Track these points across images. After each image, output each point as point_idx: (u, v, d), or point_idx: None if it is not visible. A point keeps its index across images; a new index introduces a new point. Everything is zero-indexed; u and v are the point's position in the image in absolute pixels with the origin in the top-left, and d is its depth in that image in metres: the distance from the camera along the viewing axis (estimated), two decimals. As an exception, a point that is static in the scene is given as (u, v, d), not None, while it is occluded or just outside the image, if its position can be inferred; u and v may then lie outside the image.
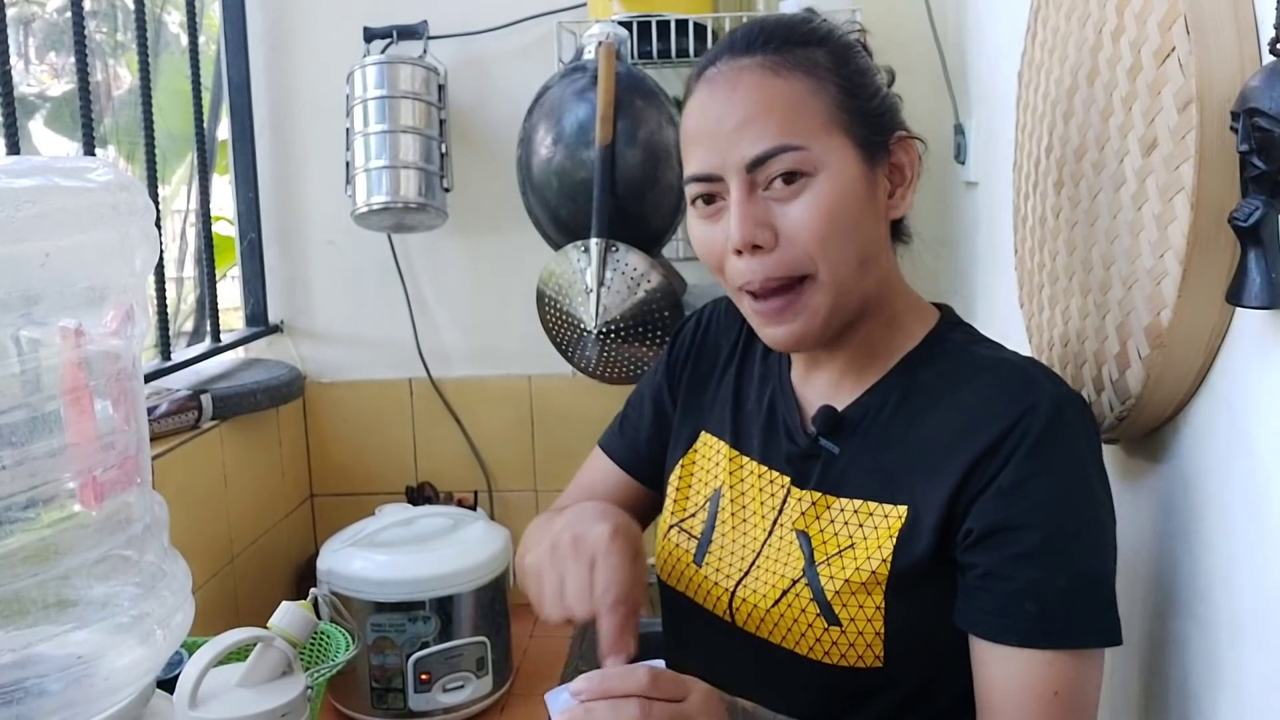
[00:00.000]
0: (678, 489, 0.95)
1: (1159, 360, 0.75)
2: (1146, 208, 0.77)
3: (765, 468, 0.89)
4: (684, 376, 0.99)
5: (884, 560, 0.78)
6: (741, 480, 0.90)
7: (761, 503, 0.88)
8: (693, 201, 0.83)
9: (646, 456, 1.02)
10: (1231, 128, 0.63)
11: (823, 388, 0.88)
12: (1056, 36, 0.98)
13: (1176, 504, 0.81)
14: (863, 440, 0.83)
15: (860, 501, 0.81)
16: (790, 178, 0.77)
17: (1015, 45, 1.13)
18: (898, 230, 0.87)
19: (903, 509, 0.79)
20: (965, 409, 0.78)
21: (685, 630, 0.94)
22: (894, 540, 0.78)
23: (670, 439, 1.00)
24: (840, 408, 0.85)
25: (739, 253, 0.79)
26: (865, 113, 0.80)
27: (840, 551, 0.80)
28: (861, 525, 0.80)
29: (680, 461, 0.96)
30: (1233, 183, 0.65)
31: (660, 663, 0.73)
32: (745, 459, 0.91)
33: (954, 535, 0.76)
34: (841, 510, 0.82)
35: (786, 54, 0.79)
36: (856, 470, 0.83)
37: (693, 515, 0.93)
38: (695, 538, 0.91)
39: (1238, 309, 0.70)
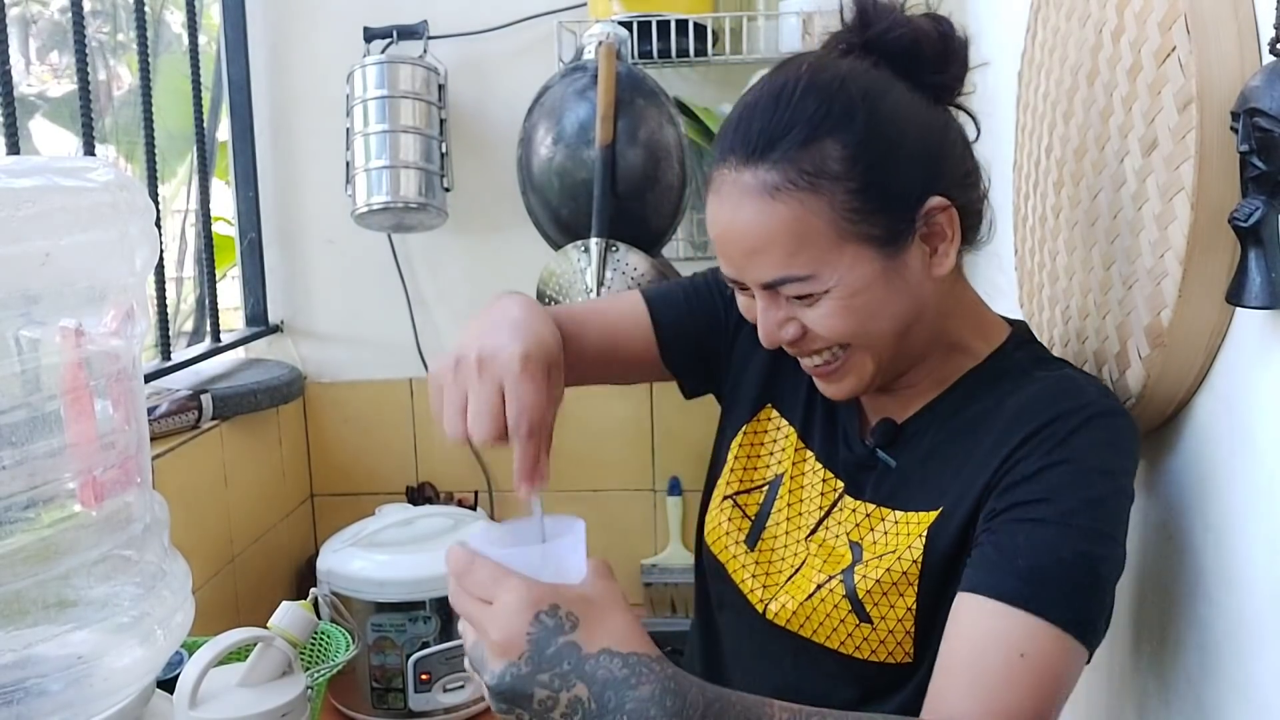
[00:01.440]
0: (737, 458, 0.94)
1: (1159, 360, 0.75)
2: (1146, 208, 0.77)
3: (822, 467, 0.89)
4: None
5: (915, 561, 0.78)
6: (803, 474, 0.90)
7: (814, 502, 0.88)
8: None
9: (684, 331, 0.97)
10: (1231, 128, 0.63)
11: (888, 400, 0.87)
12: (1056, 36, 0.98)
13: (1177, 503, 0.81)
14: (915, 453, 0.83)
15: (903, 514, 0.81)
16: (803, 296, 0.77)
17: (1015, 45, 1.13)
18: (968, 238, 0.82)
19: (936, 511, 0.78)
20: (1006, 416, 0.77)
21: (719, 598, 0.94)
22: (924, 539, 0.78)
23: (724, 377, 0.97)
24: (899, 420, 0.85)
25: None
26: (886, 201, 0.75)
27: (880, 556, 0.81)
28: (900, 534, 0.81)
29: (743, 429, 0.95)
30: (1233, 183, 0.65)
31: (578, 523, 0.69)
32: (808, 452, 0.91)
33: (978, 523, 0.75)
34: (894, 522, 0.82)
35: (789, 165, 0.74)
36: (908, 484, 0.83)
37: (749, 492, 0.93)
38: (749, 518, 0.91)
39: (1238, 309, 0.70)
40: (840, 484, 0.87)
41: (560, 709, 0.62)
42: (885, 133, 0.75)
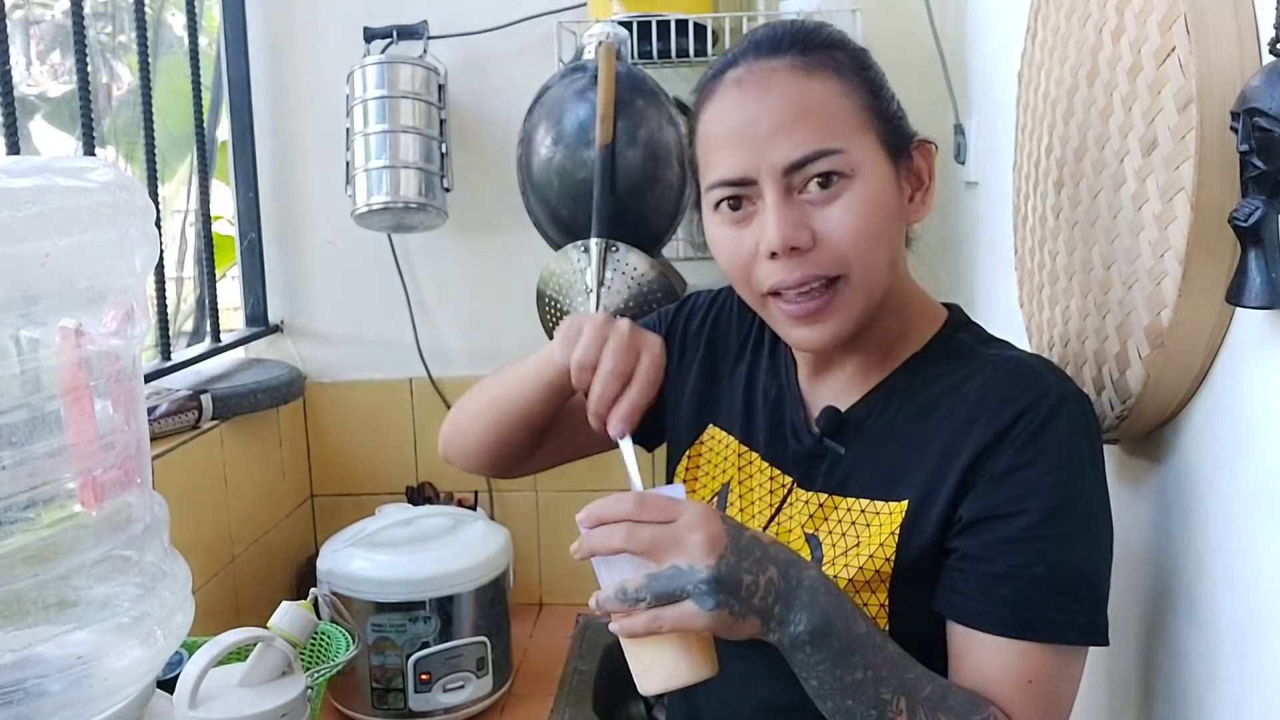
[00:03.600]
0: (684, 481, 0.95)
1: (1159, 360, 0.75)
2: (1146, 208, 0.77)
3: (769, 465, 0.90)
4: (694, 359, 0.98)
5: (887, 559, 0.78)
6: (750, 476, 0.90)
7: (763, 501, 0.88)
8: (715, 205, 0.81)
9: None
10: (1231, 128, 0.63)
11: (830, 388, 0.88)
12: (1056, 36, 0.98)
13: (1177, 504, 0.81)
14: (867, 439, 0.83)
15: (866, 501, 0.81)
16: (827, 181, 0.76)
17: (1015, 45, 1.13)
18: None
19: (903, 504, 0.78)
20: (968, 404, 0.78)
21: None
22: (896, 537, 0.78)
23: (664, 412, 0.99)
24: (844, 408, 0.85)
25: (773, 255, 0.77)
26: (889, 116, 0.81)
27: (845, 551, 0.80)
28: (868, 525, 0.80)
29: (687, 452, 0.96)
30: (1233, 183, 0.65)
31: (680, 488, 0.77)
32: (753, 454, 0.91)
33: (949, 525, 0.76)
34: (849, 510, 0.82)
35: (814, 55, 0.79)
36: (862, 469, 0.83)
37: None
38: None
39: (1238, 309, 0.70)
40: (789, 479, 0.88)
41: (760, 592, 0.69)
42: (878, 66, 0.83)
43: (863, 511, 0.81)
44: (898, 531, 0.78)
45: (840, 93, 0.78)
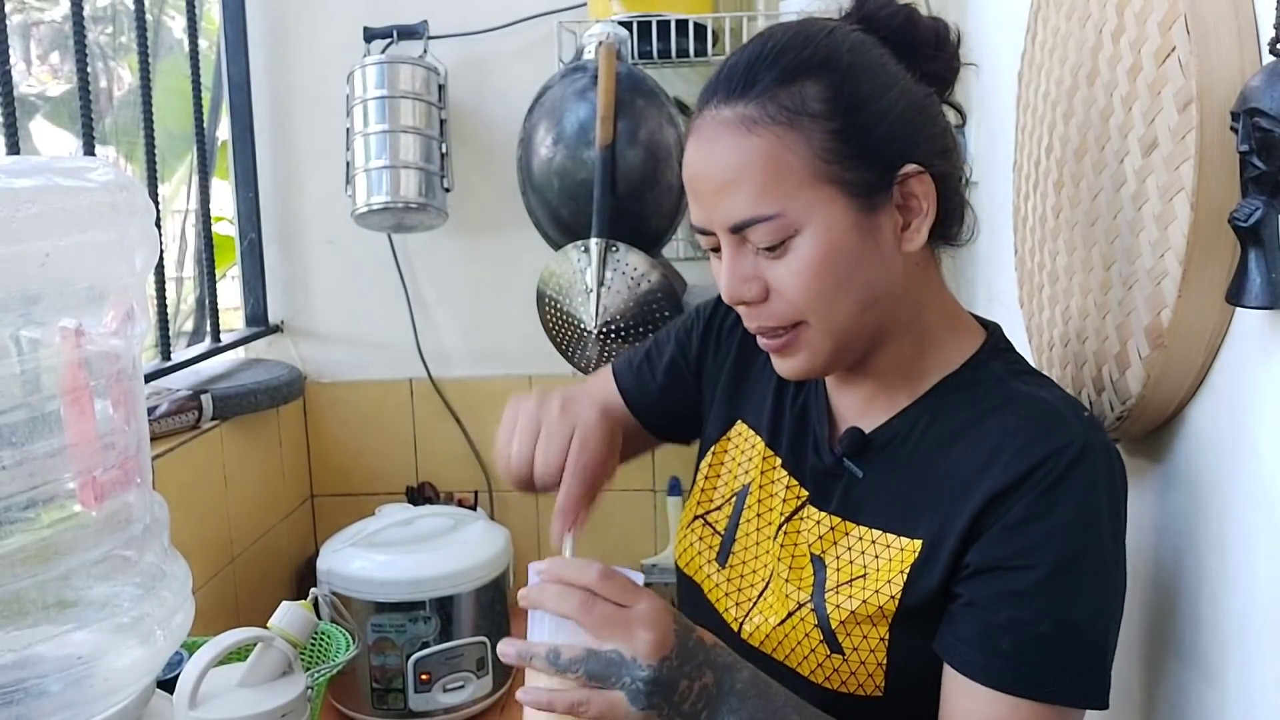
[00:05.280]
0: (706, 476, 0.94)
1: (1159, 360, 0.75)
2: (1146, 208, 0.77)
3: (788, 474, 0.88)
4: (729, 357, 0.96)
5: (893, 596, 0.76)
6: (772, 482, 0.89)
7: (778, 510, 0.87)
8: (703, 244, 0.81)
9: (653, 400, 1.00)
10: (1231, 128, 0.63)
11: (855, 404, 0.85)
12: (1056, 36, 0.98)
13: (1177, 504, 0.80)
14: (887, 465, 0.81)
15: (879, 532, 0.79)
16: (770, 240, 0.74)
17: (1015, 45, 1.13)
18: (949, 233, 0.82)
19: (917, 543, 0.76)
20: (989, 443, 0.75)
21: (695, 621, 0.93)
22: (905, 576, 0.76)
23: (706, 416, 0.98)
24: (869, 429, 0.83)
25: None
26: (864, 150, 0.74)
27: (851, 581, 0.79)
28: (877, 556, 0.78)
29: (713, 448, 0.95)
30: (1233, 183, 0.65)
31: (639, 576, 0.74)
32: (776, 459, 0.89)
33: (957, 569, 0.75)
34: (860, 539, 0.80)
35: (769, 100, 0.73)
36: (877, 497, 0.81)
37: (718, 508, 0.92)
38: (719, 534, 0.90)
39: (1238, 309, 0.70)
40: (804, 492, 0.85)
41: (692, 698, 0.69)
42: (868, 83, 0.75)
43: (873, 542, 0.79)
44: (908, 571, 0.76)
45: (785, 147, 0.72)
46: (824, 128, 0.73)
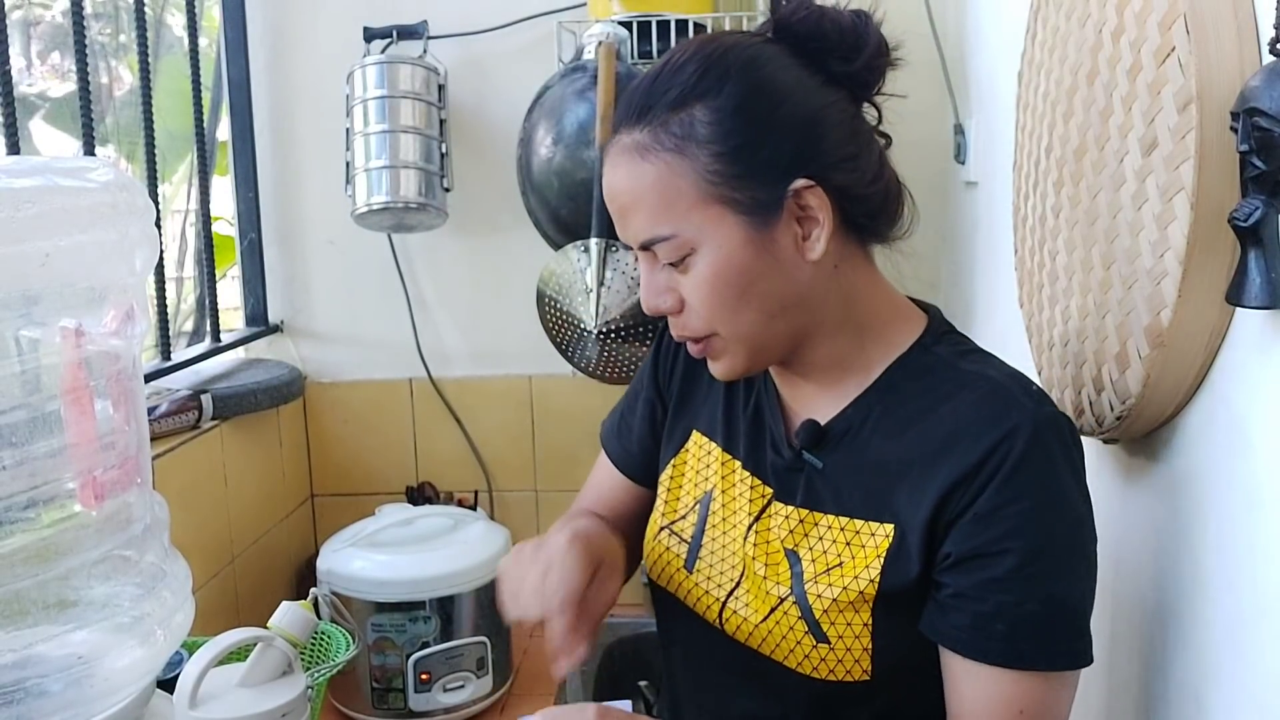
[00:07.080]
0: (669, 489, 0.95)
1: (1159, 360, 0.75)
2: (1146, 208, 0.77)
3: (750, 475, 0.89)
4: (675, 373, 0.99)
5: (872, 580, 0.78)
6: (734, 485, 0.90)
7: (744, 510, 0.88)
8: None
9: (640, 458, 1.02)
10: (1231, 128, 0.63)
11: (806, 398, 0.87)
12: (1056, 36, 0.98)
13: (1176, 504, 0.81)
14: (846, 454, 0.83)
15: (846, 519, 0.81)
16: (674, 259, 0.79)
17: (1015, 45, 1.13)
18: (877, 231, 0.84)
19: (889, 528, 0.78)
20: (944, 426, 0.77)
21: (676, 630, 0.94)
22: (882, 560, 0.78)
23: (663, 437, 0.99)
24: (824, 420, 0.85)
25: None
26: (751, 169, 0.76)
27: (829, 570, 0.80)
28: (849, 544, 0.80)
29: (671, 461, 0.96)
30: (1233, 183, 0.65)
31: (626, 704, 0.74)
32: (735, 462, 0.91)
33: (935, 556, 0.77)
34: (829, 528, 0.82)
35: (660, 128, 0.77)
36: (841, 486, 0.82)
37: (683, 517, 0.93)
38: (686, 541, 0.91)
39: (1238, 309, 0.70)
40: (769, 490, 0.87)
41: None
42: (756, 103, 0.76)
43: (844, 530, 0.81)
44: (884, 556, 0.78)
45: (674, 172, 0.77)
46: (710, 151, 0.76)
